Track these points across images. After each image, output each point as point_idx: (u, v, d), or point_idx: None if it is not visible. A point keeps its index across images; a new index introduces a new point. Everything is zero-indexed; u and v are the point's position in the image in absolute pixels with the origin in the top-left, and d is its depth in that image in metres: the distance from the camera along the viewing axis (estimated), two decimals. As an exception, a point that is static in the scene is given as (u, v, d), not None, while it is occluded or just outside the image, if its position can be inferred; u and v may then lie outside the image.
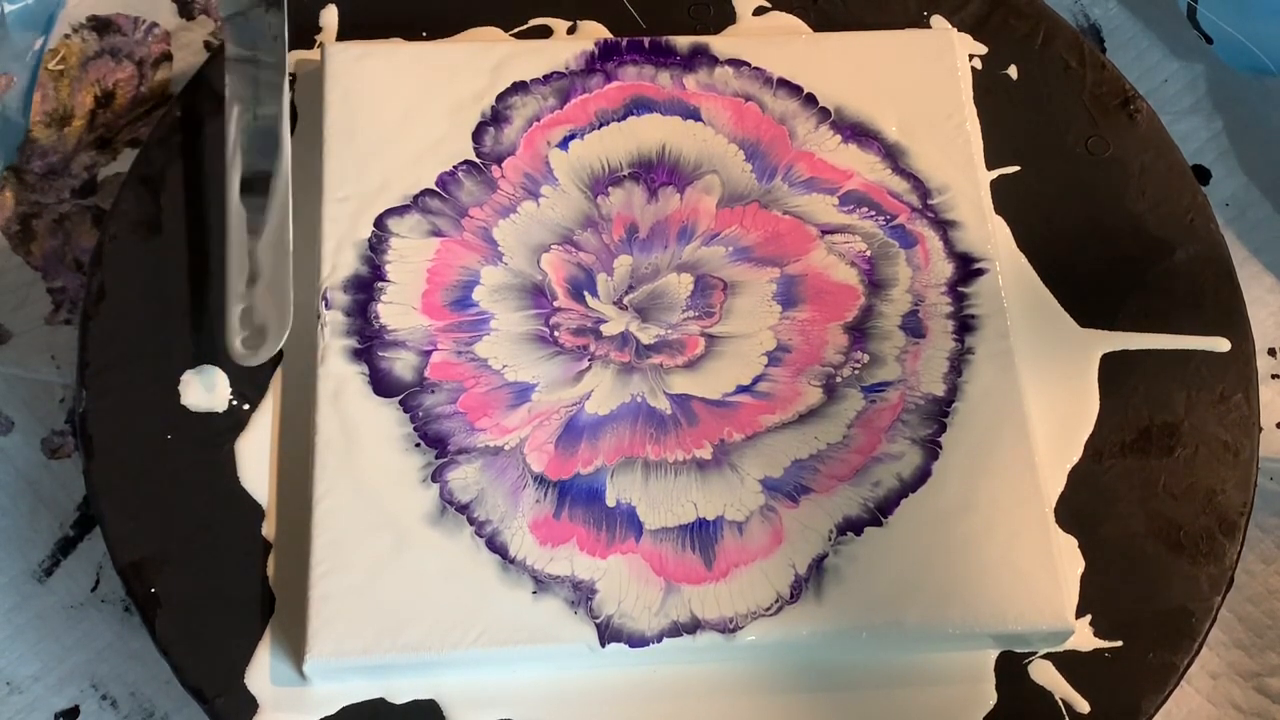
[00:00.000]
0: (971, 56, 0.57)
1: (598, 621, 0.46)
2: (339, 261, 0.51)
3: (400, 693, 0.46)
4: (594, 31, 0.57)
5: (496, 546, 0.46)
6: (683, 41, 0.56)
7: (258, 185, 0.51)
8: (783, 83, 0.55)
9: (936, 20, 0.58)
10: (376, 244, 0.51)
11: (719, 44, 0.56)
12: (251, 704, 0.46)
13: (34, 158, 0.61)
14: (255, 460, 0.49)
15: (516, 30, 0.57)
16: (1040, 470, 0.49)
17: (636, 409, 0.49)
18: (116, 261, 0.52)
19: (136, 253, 0.52)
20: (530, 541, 0.47)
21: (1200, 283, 0.54)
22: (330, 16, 0.57)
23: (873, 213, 0.53)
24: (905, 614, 0.46)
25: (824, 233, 0.53)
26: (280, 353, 0.50)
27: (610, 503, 0.47)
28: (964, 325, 0.51)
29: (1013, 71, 0.57)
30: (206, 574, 0.47)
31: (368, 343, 0.49)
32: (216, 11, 0.63)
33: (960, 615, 0.46)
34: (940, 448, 0.49)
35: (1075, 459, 0.50)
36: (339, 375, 0.49)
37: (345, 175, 0.52)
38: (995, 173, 0.55)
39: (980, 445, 0.49)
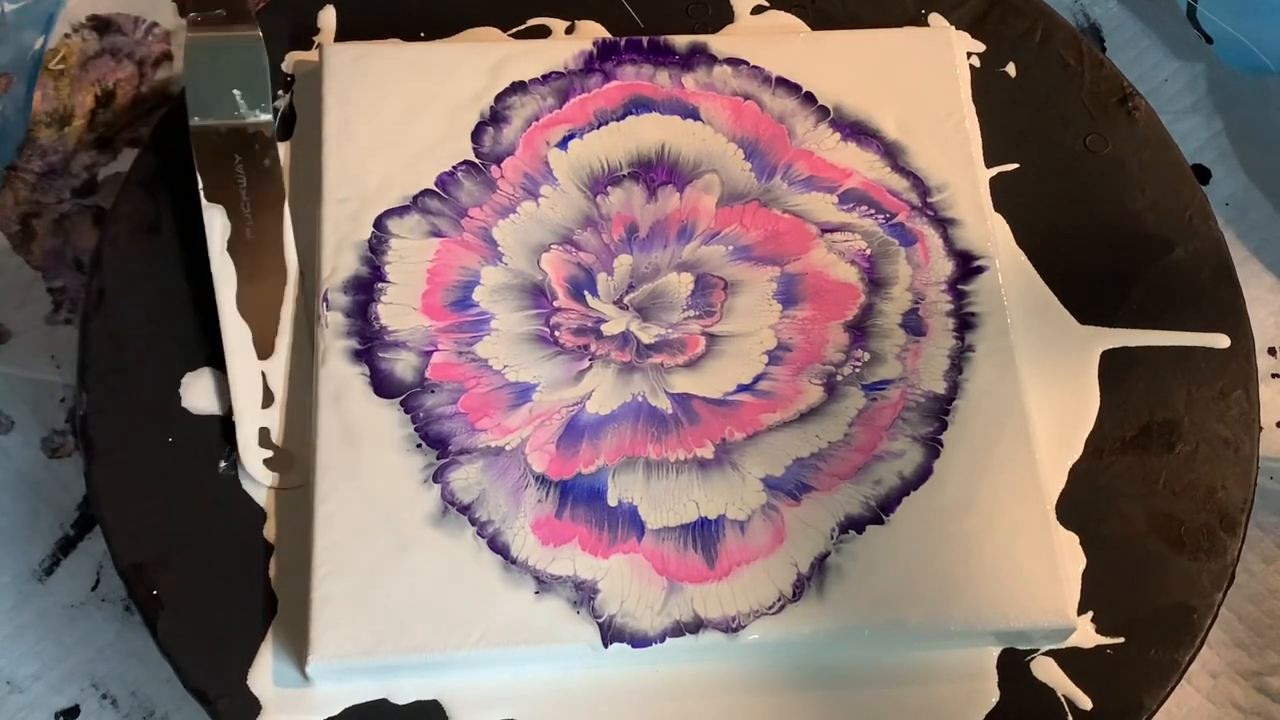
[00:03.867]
0: (970, 54, 0.57)
1: (600, 621, 0.46)
2: (339, 263, 0.51)
3: (403, 693, 0.46)
4: (592, 31, 0.57)
5: (498, 547, 0.46)
6: (681, 41, 0.56)
7: (260, 296, 0.51)
8: (781, 81, 0.55)
9: (935, 18, 0.58)
10: (376, 245, 0.51)
11: (717, 43, 0.56)
12: (254, 705, 0.46)
13: (34, 158, 0.61)
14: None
15: (515, 30, 0.57)
16: (1041, 467, 0.49)
17: (637, 408, 0.49)
18: (116, 262, 0.52)
19: (136, 253, 0.52)
20: (532, 542, 0.47)
21: (1199, 279, 0.54)
22: (328, 17, 0.57)
23: (872, 211, 0.53)
24: (907, 612, 0.46)
25: (824, 231, 0.53)
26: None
27: (612, 502, 0.47)
28: (964, 323, 0.51)
29: (1011, 69, 0.57)
30: (208, 576, 0.47)
31: (368, 344, 0.49)
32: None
33: (962, 613, 0.46)
34: (941, 445, 0.49)
35: (1076, 456, 0.51)
36: (340, 376, 0.49)
37: (344, 176, 0.52)
38: (994, 170, 0.55)
39: (981, 443, 0.49)
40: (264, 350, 0.50)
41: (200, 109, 0.53)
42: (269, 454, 0.49)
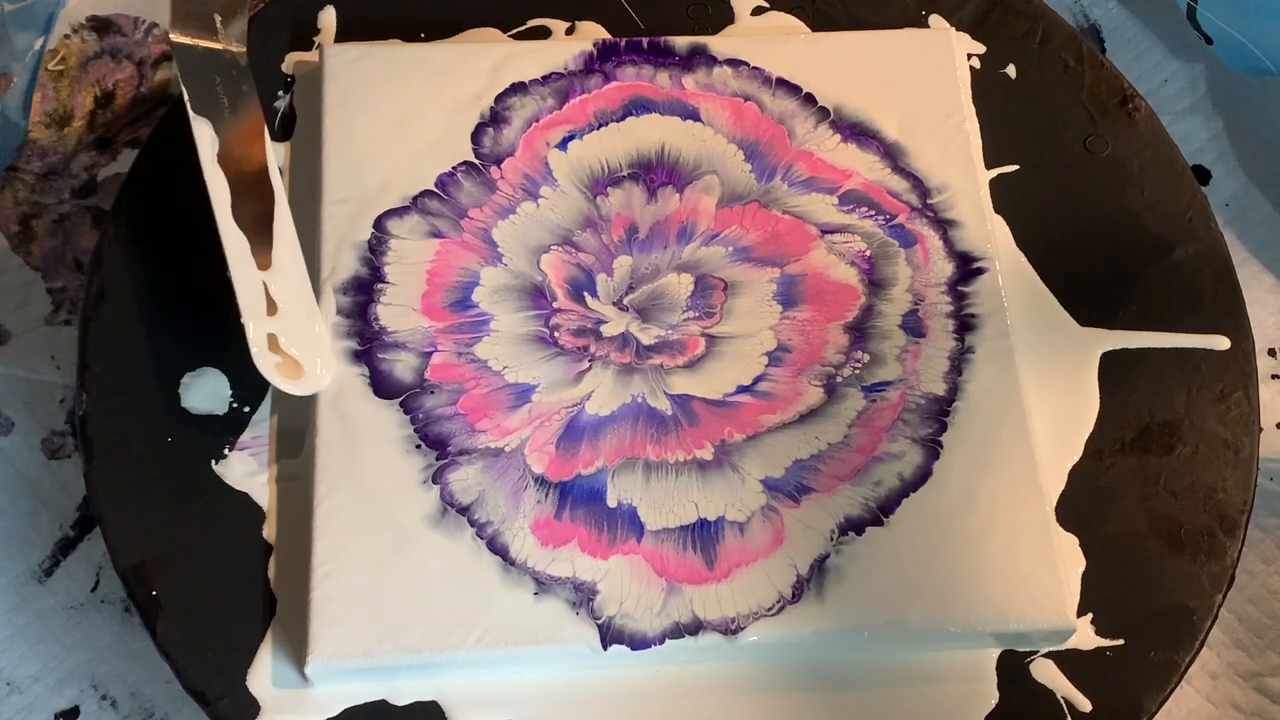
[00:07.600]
0: (970, 56, 0.57)
1: (599, 622, 0.46)
2: (338, 263, 0.51)
3: (402, 694, 0.46)
4: (592, 32, 0.57)
5: (498, 548, 0.46)
6: (681, 42, 0.56)
7: (251, 211, 0.51)
8: (781, 82, 0.55)
9: (935, 20, 0.58)
10: (376, 245, 0.51)
11: (717, 44, 0.56)
12: (253, 706, 0.46)
13: (34, 158, 0.61)
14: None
15: (515, 31, 0.57)
16: (1041, 469, 0.49)
17: (637, 410, 0.49)
18: (116, 262, 0.52)
19: (136, 253, 0.52)
20: (531, 543, 0.47)
21: (1199, 280, 0.54)
22: (328, 18, 0.57)
23: (872, 212, 0.53)
24: (907, 613, 0.46)
25: (824, 232, 0.53)
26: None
27: (611, 503, 0.47)
28: (964, 324, 0.51)
29: (1011, 70, 0.57)
30: (207, 576, 0.47)
31: (368, 344, 0.49)
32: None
33: (962, 614, 0.46)
34: (941, 447, 0.49)
35: (1076, 457, 0.51)
36: (339, 377, 0.49)
37: (344, 177, 0.52)
38: (994, 172, 0.55)
39: (981, 444, 0.49)
40: (261, 263, 0.50)
41: (181, 24, 0.52)
42: (279, 359, 0.48)
